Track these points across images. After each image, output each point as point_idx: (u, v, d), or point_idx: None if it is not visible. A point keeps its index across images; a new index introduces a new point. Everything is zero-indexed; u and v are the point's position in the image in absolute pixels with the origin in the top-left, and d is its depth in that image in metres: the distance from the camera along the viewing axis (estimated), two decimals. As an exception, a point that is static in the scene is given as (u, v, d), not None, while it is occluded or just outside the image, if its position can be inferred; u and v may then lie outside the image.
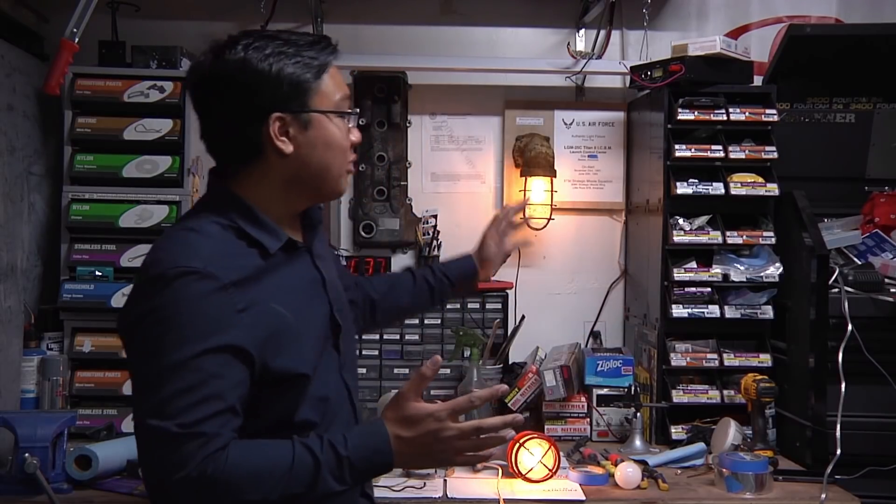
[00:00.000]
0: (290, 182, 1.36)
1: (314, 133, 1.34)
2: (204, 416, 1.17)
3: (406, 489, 2.04)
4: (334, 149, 1.36)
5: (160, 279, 1.21)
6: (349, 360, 1.47)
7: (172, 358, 1.17)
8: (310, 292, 1.39)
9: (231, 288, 1.22)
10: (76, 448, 2.04)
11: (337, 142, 1.36)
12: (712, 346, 2.51)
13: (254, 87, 1.30)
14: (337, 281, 1.50)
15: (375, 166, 2.92)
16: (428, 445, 1.28)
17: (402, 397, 1.30)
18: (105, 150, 2.49)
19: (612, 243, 2.99)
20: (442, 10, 2.98)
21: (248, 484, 1.18)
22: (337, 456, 1.22)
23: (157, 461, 1.18)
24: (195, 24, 2.88)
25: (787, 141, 2.57)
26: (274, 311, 1.27)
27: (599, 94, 2.99)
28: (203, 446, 1.16)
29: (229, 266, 1.24)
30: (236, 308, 1.22)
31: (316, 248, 1.45)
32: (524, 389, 2.53)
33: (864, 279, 2.33)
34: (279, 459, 1.21)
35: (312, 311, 1.37)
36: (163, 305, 1.20)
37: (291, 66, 1.31)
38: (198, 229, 1.29)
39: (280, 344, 1.27)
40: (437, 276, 1.85)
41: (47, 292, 2.56)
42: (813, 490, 2.05)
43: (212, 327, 1.19)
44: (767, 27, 2.97)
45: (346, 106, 1.38)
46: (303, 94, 1.32)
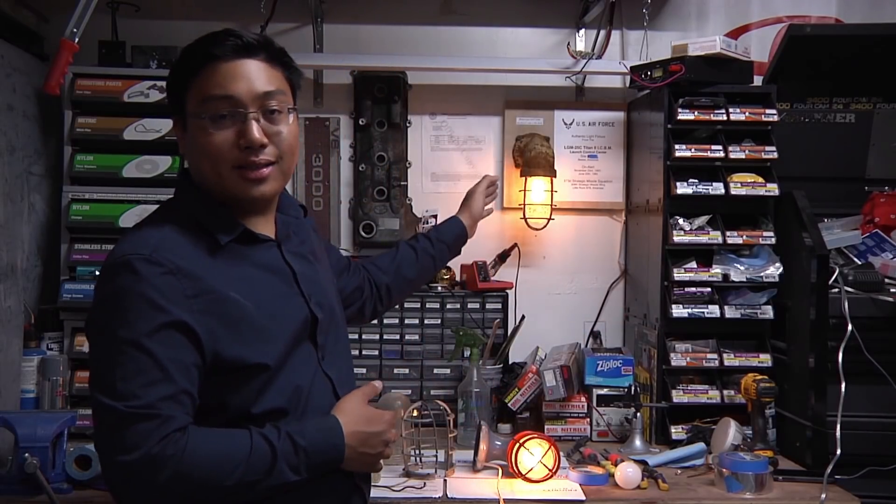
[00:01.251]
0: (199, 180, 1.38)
1: (189, 136, 1.35)
2: (159, 396, 1.18)
3: (406, 489, 2.04)
4: (200, 153, 1.33)
5: (110, 268, 1.25)
6: (332, 352, 1.45)
7: (122, 339, 1.19)
8: (278, 285, 1.38)
9: (179, 274, 1.24)
10: (76, 448, 2.04)
11: (201, 146, 1.32)
12: (712, 346, 2.51)
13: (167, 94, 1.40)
14: (317, 275, 1.48)
15: (375, 166, 2.92)
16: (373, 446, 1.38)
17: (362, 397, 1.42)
18: (105, 150, 2.49)
19: (612, 243, 2.99)
20: (442, 10, 2.98)
21: (206, 468, 1.20)
22: (294, 446, 1.25)
23: (106, 440, 1.20)
24: (195, 24, 2.88)
25: (787, 141, 2.57)
26: (231, 299, 1.28)
27: (599, 94, 2.99)
28: (160, 426, 1.17)
29: (179, 254, 1.26)
30: (185, 293, 1.23)
31: (290, 243, 1.45)
32: (524, 389, 2.53)
33: (864, 279, 2.33)
34: (237, 446, 1.23)
35: (280, 304, 1.36)
36: (112, 291, 1.23)
37: (175, 69, 1.36)
38: (152, 222, 1.33)
39: (238, 332, 1.27)
40: (436, 245, 1.99)
41: (47, 292, 2.56)
42: (813, 490, 2.05)
43: (158, 307, 1.21)
44: (767, 27, 2.97)
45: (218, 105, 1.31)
46: (178, 98, 1.35)
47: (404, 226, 2.93)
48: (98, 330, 1.24)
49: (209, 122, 1.31)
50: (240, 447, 1.23)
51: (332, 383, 1.42)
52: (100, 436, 1.21)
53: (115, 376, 1.18)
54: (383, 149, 2.92)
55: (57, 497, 1.91)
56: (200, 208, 1.35)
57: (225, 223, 1.34)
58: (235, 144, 1.31)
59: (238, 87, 1.31)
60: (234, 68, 1.31)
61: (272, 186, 1.37)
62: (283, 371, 1.33)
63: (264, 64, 1.35)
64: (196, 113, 1.32)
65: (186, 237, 1.30)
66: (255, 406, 1.29)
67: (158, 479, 1.17)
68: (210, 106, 1.31)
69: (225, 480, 1.20)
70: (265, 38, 1.37)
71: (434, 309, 2.72)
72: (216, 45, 1.32)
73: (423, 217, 2.90)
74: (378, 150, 2.91)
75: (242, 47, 1.33)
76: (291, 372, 1.34)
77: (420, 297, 2.72)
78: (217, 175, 1.33)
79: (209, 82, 1.31)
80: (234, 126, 1.31)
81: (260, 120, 1.33)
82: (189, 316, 1.23)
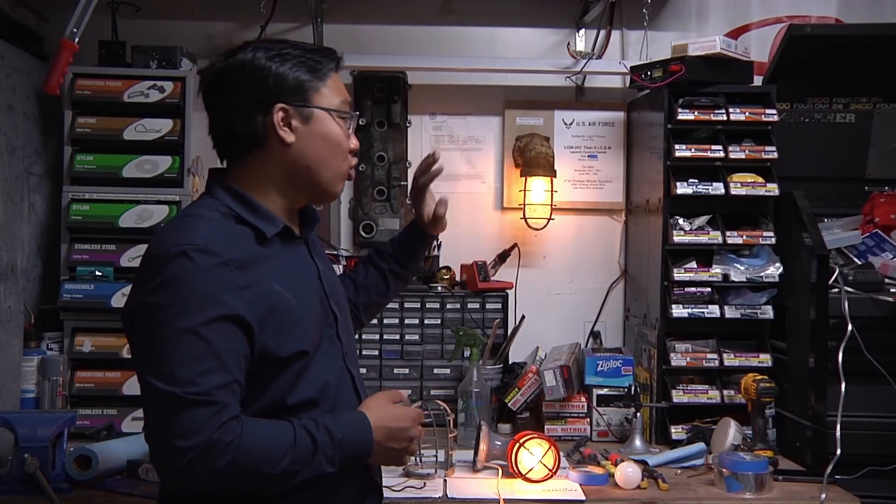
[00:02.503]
0: (289, 174, 1.41)
1: (315, 127, 1.41)
2: (215, 384, 1.21)
3: (406, 489, 2.04)
4: (333, 145, 1.43)
5: (162, 258, 1.25)
6: (350, 350, 1.51)
7: (179, 327, 1.21)
8: (309, 281, 1.45)
9: (232, 265, 1.27)
10: (76, 448, 2.04)
11: (336, 139, 1.42)
12: (712, 346, 2.51)
13: (260, 80, 1.38)
14: (333, 275, 1.57)
15: (375, 166, 2.92)
16: (399, 441, 1.41)
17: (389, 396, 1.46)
18: (105, 150, 2.49)
19: (612, 243, 2.99)
20: (442, 10, 2.98)
21: (258, 456, 1.24)
22: (331, 438, 1.30)
23: (165, 425, 1.20)
24: (195, 24, 2.88)
25: (787, 141, 2.57)
26: (276, 291, 1.32)
27: (599, 94, 2.99)
28: (217, 414, 1.20)
29: (230, 246, 1.30)
30: (238, 284, 1.27)
31: (313, 243, 1.53)
32: (524, 389, 2.53)
33: (864, 279, 2.33)
34: (284, 436, 1.27)
35: (311, 299, 1.42)
36: (167, 279, 1.24)
37: (296, 65, 1.40)
38: (198, 214, 1.36)
39: (282, 323, 1.32)
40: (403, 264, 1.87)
41: (47, 292, 2.56)
42: (813, 490, 2.05)
43: (216, 298, 1.24)
44: (767, 27, 2.97)
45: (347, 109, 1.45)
46: (305, 91, 1.40)
47: (404, 226, 2.92)
48: (152, 317, 1.24)
49: (350, 125, 1.45)
50: (286, 437, 1.27)
51: (353, 380, 1.48)
52: (154, 421, 1.23)
53: (173, 363, 1.20)
54: (383, 149, 2.92)
55: (57, 497, 1.91)
56: (240, 204, 1.38)
57: (267, 218, 1.39)
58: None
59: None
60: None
61: None
62: (314, 364, 1.37)
63: None
64: (335, 109, 1.42)
65: (234, 231, 1.35)
66: (289, 397, 1.34)
67: (217, 465, 1.20)
68: (346, 108, 1.44)
69: (274, 469, 1.25)
70: None
71: (434, 309, 2.72)
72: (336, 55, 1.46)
73: (423, 217, 2.90)
74: (378, 150, 2.91)
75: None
76: (321, 366, 1.39)
77: (420, 297, 2.72)
78: (338, 173, 1.44)
79: (340, 88, 1.45)
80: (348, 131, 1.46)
81: None
82: (243, 307, 1.26)
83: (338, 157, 1.43)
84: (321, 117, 1.41)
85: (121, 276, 2.45)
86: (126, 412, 2.38)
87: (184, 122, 2.49)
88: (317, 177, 1.42)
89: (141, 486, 2.01)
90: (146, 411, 1.25)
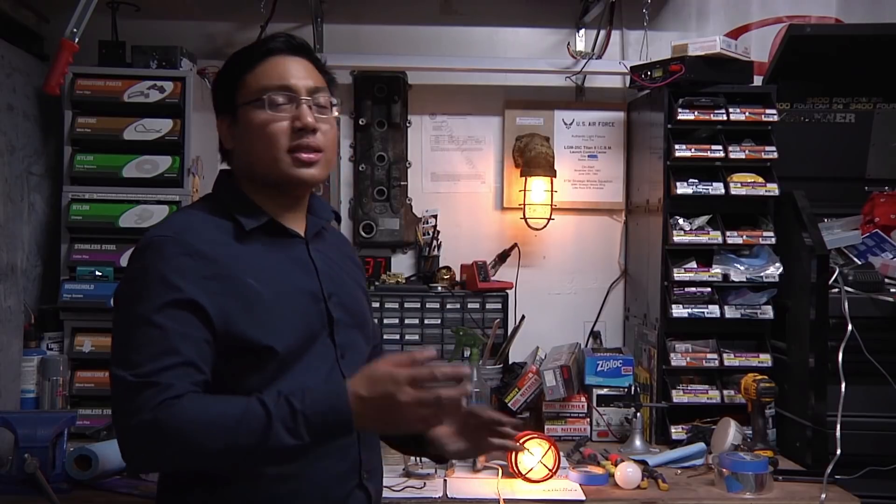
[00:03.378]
0: (248, 172, 1.45)
1: (241, 125, 1.43)
2: (160, 367, 1.24)
3: (406, 489, 2.04)
4: (254, 136, 1.41)
5: (137, 250, 1.35)
6: (350, 353, 1.46)
7: (136, 312, 1.28)
8: (299, 279, 1.43)
9: (196, 255, 1.31)
10: (76, 448, 2.04)
11: (257, 126, 1.41)
12: (712, 346, 2.51)
13: (213, 98, 1.50)
14: (344, 277, 1.52)
15: (375, 166, 2.92)
16: (385, 409, 1.24)
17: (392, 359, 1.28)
18: (105, 150, 2.49)
19: (612, 243, 2.99)
20: (442, 10, 2.98)
21: (194, 430, 1.22)
22: (291, 410, 1.23)
23: (116, 407, 1.27)
24: (195, 24, 2.88)
25: (787, 141, 2.57)
26: (248, 284, 1.34)
27: (599, 94, 2.99)
28: (157, 394, 1.23)
29: (202, 238, 1.34)
30: (201, 274, 1.30)
31: (319, 243, 1.51)
32: (524, 389, 2.53)
33: (864, 279, 2.33)
34: (231, 410, 1.24)
35: (297, 296, 1.41)
36: (135, 269, 1.34)
37: (225, 71, 1.47)
38: (185, 210, 1.47)
39: (252, 314, 1.33)
40: None
41: (47, 292, 2.56)
42: (813, 490, 2.05)
43: (172, 284, 1.28)
44: (767, 27, 2.97)
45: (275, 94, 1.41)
46: (232, 94, 1.44)
47: (404, 226, 2.93)
48: (118, 306, 1.34)
49: (267, 108, 1.40)
50: (234, 411, 1.24)
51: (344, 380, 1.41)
52: (112, 403, 1.29)
53: (127, 348, 1.27)
54: (383, 149, 2.92)
55: (57, 497, 1.91)
56: (231, 199, 1.43)
57: (251, 212, 1.42)
58: (290, 129, 1.41)
59: (293, 78, 1.42)
60: (289, 62, 1.44)
61: (319, 172, 1.45)
62: (300, 362, 1.36)
63: (312, 65, 1.47)
64: (252, 101, 1.41)
65: (213, 224, 1.39)
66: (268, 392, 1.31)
67: (152, 443, 1.23)
68: (266, 92, 1.41)
69: (218, 442, 1.22)
70: (309, 45, 1.50)
71: (434, 309, 2.72)
72: (272, 42, 1.45)
73: (423, 217, 2.91)
74: (378, 150, 2.91)
75: (295, 46, 1.45)
76: (306, 365, 1.37)
77: (420, 297, 2.72)
78: (272, 158, 1.41)
79: (267, 74, 1.42)
80: (288, 113, 1.41)
81: (312, 107, 1.43)
82: (202, 295, 1.29)
83: (264, 143, 1.40)
84: (243, 113, 1.42)
85: (121, 276, 2.44)
86: (126, 412, 2.38)
87: (184, 122, 2.49)
88: (259, 167, 1.42)
89: (141, 486, 2.01)
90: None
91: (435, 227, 2.87)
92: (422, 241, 2.89)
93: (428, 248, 2.85)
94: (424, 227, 2.89)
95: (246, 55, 1.45)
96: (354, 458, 1.41)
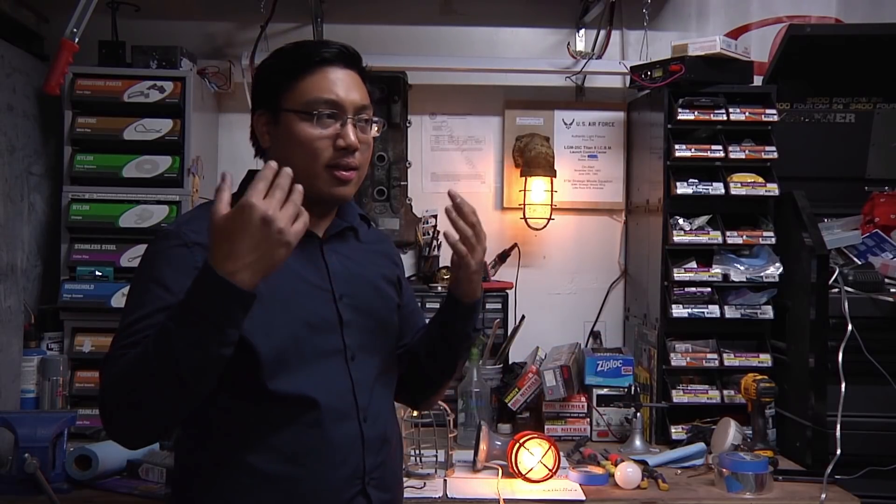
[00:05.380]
0: None
1: (282, 130, 1.43)
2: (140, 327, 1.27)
3: (406, 489, 2.03)
4: (296, 146, 1.41)
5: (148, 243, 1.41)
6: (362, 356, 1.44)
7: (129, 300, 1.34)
8: (309, 278, 1.42)
9: (194, 246, 1.32)
10: (76, 448, 2.04)
11: (299, 139, 1.40)
12: (712, 346, 2.51)
13: (254, 87, 1.50)
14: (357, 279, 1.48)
15: (375, 166, 2.92)
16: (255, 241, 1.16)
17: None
18: (105, 150, 2.49)
19: (612, 243, 2.99)
20: (442, 10, 2.98)
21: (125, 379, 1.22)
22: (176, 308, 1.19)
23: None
24: (195, 24, 2.89)
25: (787, 141, 2.57)
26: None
27: (599, 94, 2.99)
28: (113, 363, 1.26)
29: (202, 230, 1.29)
30: (195, 265, 1.26)
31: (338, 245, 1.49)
32: (524, 389, 2.53)
33: (864, 279, 2.33)
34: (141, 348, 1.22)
35: (302, 295, 1.40)
36: (142, 258, 1.39)
37: (275, 68, 1.45)
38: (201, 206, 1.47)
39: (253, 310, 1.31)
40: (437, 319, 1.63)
41: (47, 292, 2.56)
42: (813, 490, 2.05)
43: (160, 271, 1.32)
44: (767, 27, 2.97)
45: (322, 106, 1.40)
46: (276, 94, 1.43)
47: (404, 226, 2.93)
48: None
49: (314, 120, 1.40)
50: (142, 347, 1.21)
51: (352, 384, 1.41)
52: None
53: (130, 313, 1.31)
54: (383, 149, 2.92)
55: (57, 497, 1.91)
56: None
57: None
58: (332, 145, 1.41)
59: (342, 93, 1.42)
60: (339, 75, 1.43)
61: (351, 190, 1.46)
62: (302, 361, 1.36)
63: (359, 76, 1.47)
64: (299, 110, 1.40)
65: None
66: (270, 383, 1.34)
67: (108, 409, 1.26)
68: (315, 106, 1.40)
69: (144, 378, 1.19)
70: (358, 54, 1.48)
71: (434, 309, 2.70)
72: (327, 50, 1.43)
73: (423, 217, 2.91)
74: (378, 150, 2.91)
75: (348, 57, 1.45)
76: (310, 363, 1.37)
77: (420, 297, 2.71)
78: (311, 173, 1.40)
79: (318, 85, 1.41)
80: (333, 129, 1.41)
81: (357, 126, 1.43)
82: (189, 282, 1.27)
83: (304, 158, 1.39)
84: (288, 119, 1.41)
85: (121, 276, 2.45)
86: (126, 412, 2.38)
87: (184, 122, 2.49)
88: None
89: (141, 486, 2.01)
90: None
91: (435, 227, 2.87)
92: (422, 241, 2.89)
93: (428, 248, 2.85)
94: (424, 227, 2.89)
95: (299, 59, 1.43)
96: (356, 463, 1.40)
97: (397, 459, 1.54)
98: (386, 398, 1.51)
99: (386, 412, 1.50)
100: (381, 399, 1.48)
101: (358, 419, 1.41)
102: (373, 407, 1.44)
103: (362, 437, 1.40)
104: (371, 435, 1.42)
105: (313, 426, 1.36)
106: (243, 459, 1.34)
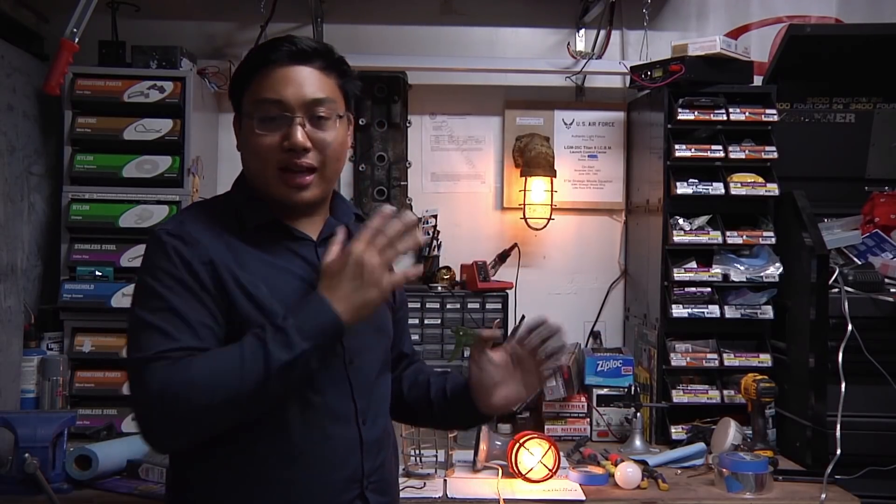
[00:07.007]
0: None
1: (242, 133, 1.44)
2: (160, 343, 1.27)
3: (406, 489, 2.04)
4: (249, 150, 1.41)
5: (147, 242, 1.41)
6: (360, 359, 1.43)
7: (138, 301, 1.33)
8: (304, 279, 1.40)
9: (196, 244, 1.34)
10: (76, 448, 2.04)
11: (249, 143, 1.41)
12: (712, 346, 2.51)
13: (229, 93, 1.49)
14: None
15: (375, 166, 2.92)
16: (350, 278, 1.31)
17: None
18: (105, 150, 2.49)
19: (612, 243, 2.99)
20: (442, 10, 2.98)
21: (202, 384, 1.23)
22: (277, 327, 1.27)
23: (132, 389, 1.30)
24: (195, 24, 2.89)
25: (787, 141, 2.57)
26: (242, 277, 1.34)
27: (599, 94, 2.99)
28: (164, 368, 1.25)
29: (202, 228, 1.36)
30: (201, 260, 1.32)
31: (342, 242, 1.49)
32: (524, 389, 2.53)
33: (864, 279, 2.33)
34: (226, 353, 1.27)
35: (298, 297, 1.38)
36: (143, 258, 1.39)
37: (238, 71, 1.44)
38: (196, 205, 1.48)
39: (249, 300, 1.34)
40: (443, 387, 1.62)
41: (47, 292, 2.56)
42: (813, 490, 2.05)
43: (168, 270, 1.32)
44: (767, 27, 2.97)
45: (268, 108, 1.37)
46: (237, 97, 1.44)
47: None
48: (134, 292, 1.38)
49: (258, 124, 1.38)
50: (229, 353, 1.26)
51: (350, 387, 1.41)
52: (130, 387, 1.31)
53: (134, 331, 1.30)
54: (383, 149, 2.92)
55: (57, 497, 1.91)
56: (241, 198, 1.44)
57: (256, 211, 1.42)
58: (280, 147, 1.38)
59: (287, 92, 1.37)
60: (287, 74, 1.39)
61: (313, 193, 1.42)
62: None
63: (318, 71, 1.41)
64: (248, 114, 1.40)
65: (217, 219, 1.40)
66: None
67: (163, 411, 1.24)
68: (261, 108, 1.38)
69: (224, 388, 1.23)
70: (324, 46, 1.43)
71: (434, 309, 2.72)
72: (273, 51, 1.39)
73: (423, 217, 2.90)
74: (378, 150, 2.91)
75: (297, 53, 1.39)
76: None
77: (420, 297, 2.71)
78: (262, 175, 1.40)
79: (262, 86, 1.38)
80: (280, 129, 1.38)
81: (306, 125, 1.38)
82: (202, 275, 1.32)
83: (256, 161, 1.40)
84: (245, 122, 1.41)
85: (121, 276, 2.45)
86: (126, 412, 2.38)
87: (184, 122, 2.49)
88: (257, 182, 1.42)
89: (141, 486, 2.01)
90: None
91: (435, 227, 2.87)
92: (422, 242, 2.88)
93: (428, 249, 2.85)
94: (424, 227, 2.89)
95: (250, 61, 1.41)
96: (355, 466, 1.39)
97: (394, 462, 1.54)
98: (383, 400, 1.50)
99: (384, 414, 1.49)
100: (378, 401, 1.47)
101: (357, 422, 1.40)
102: (371, 409, 1.43)
103: (361, 439, 1.39)
104: (369, 438, 1.41)
105: (312, 429, 1.35)
106: (241, 462, 1.33)
